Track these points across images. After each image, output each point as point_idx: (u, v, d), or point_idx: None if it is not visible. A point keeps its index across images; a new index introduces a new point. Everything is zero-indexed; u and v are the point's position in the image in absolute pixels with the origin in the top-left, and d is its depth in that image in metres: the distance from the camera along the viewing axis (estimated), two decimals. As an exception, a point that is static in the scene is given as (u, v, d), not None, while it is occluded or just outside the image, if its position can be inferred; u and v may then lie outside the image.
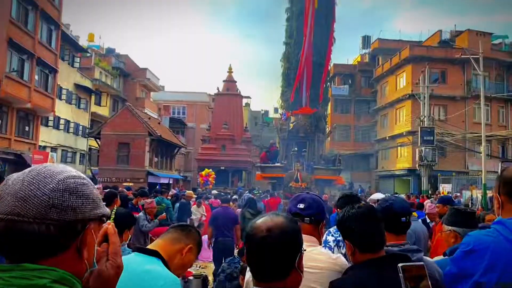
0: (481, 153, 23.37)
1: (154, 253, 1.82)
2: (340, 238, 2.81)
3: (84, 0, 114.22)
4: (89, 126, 30.61)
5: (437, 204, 6.69)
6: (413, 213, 7.42)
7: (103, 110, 32.66)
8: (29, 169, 0.92)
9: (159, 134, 26.32)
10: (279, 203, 13.22)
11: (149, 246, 1.94)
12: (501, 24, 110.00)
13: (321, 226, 2.13)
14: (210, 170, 26.83)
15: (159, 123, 30.73)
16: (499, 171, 1.83)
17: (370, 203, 2.97)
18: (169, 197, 14.01)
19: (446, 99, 31.50)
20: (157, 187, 17.69)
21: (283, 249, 1.26)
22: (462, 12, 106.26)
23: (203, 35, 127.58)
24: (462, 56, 26.16)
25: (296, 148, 24.51)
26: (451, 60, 31.29)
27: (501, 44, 36.90)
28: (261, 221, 1.31)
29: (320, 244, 2.13)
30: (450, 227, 2.71)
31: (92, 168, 29.02)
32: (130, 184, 20.06)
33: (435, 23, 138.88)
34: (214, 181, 26.46)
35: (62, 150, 27.47)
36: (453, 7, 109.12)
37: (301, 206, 2.07)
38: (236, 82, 34.94)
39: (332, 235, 3.32)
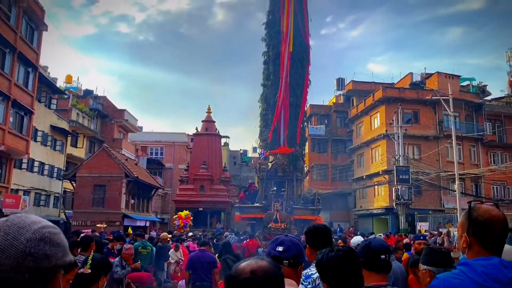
0: (455, 191, 23.88)
1: None
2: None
3: (63, 42, 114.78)
4: (65, 168, 30.00)
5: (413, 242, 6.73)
6: (398, 251, 7.46)
7: (79, 152, 32.17)
8: (3, 219, 0.97)
9: (136, 175, 25.99)
10: (258, 246, 13.04)
11: None
12: (468, 67, 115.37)
13: (300, 268, 2.16)
14: (188, 212, 26.44)
15: (136, 164, 30.41)
16: (468, 209, 1.88)
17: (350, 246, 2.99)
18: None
19: (420, 138, 32.40)
20: (130, 229, 17.25)
21: None
22: (431, 55, 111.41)
23: (182, 77, 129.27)
24: (433, 98, 27.22)
25: (275, 188, 24.50)
26: (422, 101, 32.49)
27: (469, 86, 38.67)
28: (246, 263, 1.32)
29: (298, 286, 2.15)
30: (425, 267, 2.76)
31: (66, 211, 28.20)
32: (104, 225, 19.56)
33: (406, 66, 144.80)
34: (191, 223, 26.03)
35: (36, 193, 26.69)
36: (422, 50, 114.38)
37: (280, 249, 2.11)
38: (214, 122, 35.19)
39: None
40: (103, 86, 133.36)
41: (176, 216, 26.56)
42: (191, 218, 26.27)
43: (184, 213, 26.22)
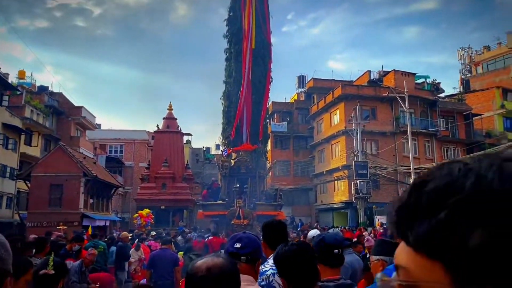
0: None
1: None
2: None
3: (15, 36, 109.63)
4: (18, 168, 28.77)
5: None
6: (358, 246, 7.69)
7: (34, 151, 30.92)
8: None
9: (94, 174, 25.32)
10: (222, 242, 13.08)
11: None
12: (423, 65, 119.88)
13: (258, 264, 2.23)
14: (150, 210, 26.09)
15: (94, 163, 29.60)
16: None
17: (307, 241, 3.06)
18: (105, 240, 13.45)
19: (377, 134, 33.42)
20: (83, 231, 16.82)
21: None
22: (388, 53, 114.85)
23: (143, 73, 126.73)
24: (390, 95, 28.14)
25: (237, 185, 24.60)
26: (380, 98, 33.50)
27: (424, 83, 40.24)
28: (202, 261, 1.37)
29: (256, 282, 2.22)
30: (377, 257, 2.88)
31: (20, 212, 27.08)
32: (64, 227, 18.97)
33: (364, 63, 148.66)
34: (153, 222, 25.72)
35: (-14, 194, 25.50)
36: (380, 49, 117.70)
37: (238, 245, 2.17)
38: (176, 119, 34.79)
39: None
40: (59, 82, 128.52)
41: (137, 215, 26.16)
42: (153, 216, 25.94)
43: (145, 211, 25.84)
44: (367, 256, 6.55)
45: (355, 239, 9.19)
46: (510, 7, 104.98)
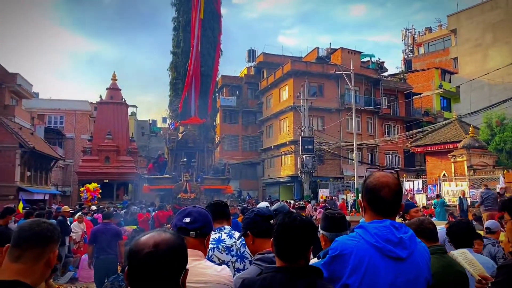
0: (353, 160, 25.77)
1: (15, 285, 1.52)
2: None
3: None
4: None
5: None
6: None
7: (-37, 119, 28.66)
8: None
9: (32, 145, 23.96)
10: (168, 216, 12.92)
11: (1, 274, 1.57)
12: (369, 43, 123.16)
13: (207, 238, 2.17)
14: (98, 185, 25.28)
15: (32, 134, 27.97)
16: (364, 177, 2.03)
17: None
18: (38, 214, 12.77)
19: (323, 111, 34.15)
20: (21, 204, 16.03)
21: (170, 265, 1.25)
22: (336, 31, 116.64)
23: (85, 40, 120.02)
24: (336, 72, 28.68)
25: (185, 159, 24.27)
26: (327, 75, 34.11)
27: (369, 62, 41.41)
28: (148, 236, 1.29)
29: (205, 257, 2.16)
30: (321, 231, 2.95)
31: None
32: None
33: (313, 40, 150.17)
34: (99, 196, 25.00)
35: None
36: (329, 26, 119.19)
37: (187, 220, 2.09)
38: (120, 90, 33.51)
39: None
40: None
41: (84, 188, 25.26)
42: (100, 191, 25.18)
43: (92, 185, 25.02)
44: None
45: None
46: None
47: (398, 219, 3.60)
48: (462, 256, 2.86)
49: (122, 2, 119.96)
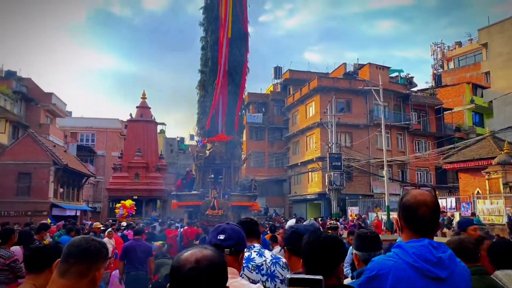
0: (383, 177, 25.29)
1: None
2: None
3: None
4: (-17, 155, 27.70)
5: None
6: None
7: (1, 138, 29.79)
8: None
9: (65, 163, 24.68)
10: (197, 232, 12.96)
11: None
12: (397, 58, 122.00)
13: (241, 256, 2.16)
14: (132, 201, 25.56)
15: (65, 151, 28.87)
16: (401, 194, 1.99)
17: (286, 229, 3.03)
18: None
19: (351, 127, 33.80)
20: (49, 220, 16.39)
21: (211, 281, 1.25)
22: (363, 47, 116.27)
23: (116, 60, 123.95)
24: (364, 88, 28.44)
25: (212, 175, 24.40)
26: (354, 91, 33.84)
27: (397, 77, 40.92)
28: (190, 253, 1.30)
29: (239, 274, 2.15)
30: (354, 251, 2.89)
31: (-14, 201, 26.13)
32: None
33: (340, 56, 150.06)
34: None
35: (-51, 182, 24.45)
36: (355, 42, 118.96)
37: (221, 237, 2.09)
38: (150, 108, 34.26)
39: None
40: (28, 68, 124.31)
41: (120, 205, 25.54)
42: (135, 208, 25.46)
43: (128, 202, 25.24)
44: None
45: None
46: (482, 4, 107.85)
47: (453, 236, 3.49)
48: (506, 277, 2.73)
49: (152, 23, 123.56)
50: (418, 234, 1.86)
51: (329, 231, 7.54)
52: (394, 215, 18.86)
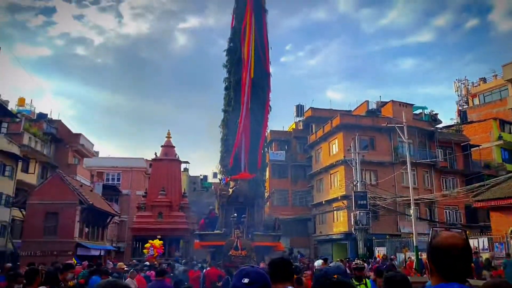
0: (411, 216, 24.56)
1: None
2: None
3: (16, 64, 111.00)
4: (14, 195, 28.43)
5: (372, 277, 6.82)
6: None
7: (30, 178, 30.66)
8: None
9: (90, 202, 25.03)
10: (219, 274, 12.73)
11: None
12: (420, 95, 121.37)
13: (265, 300, 2.10)
14: (161, 241, 25.40)
15: (91, 191, 29.36)
16: (429, 236, 1.92)
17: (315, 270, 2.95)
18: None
19: (376, 164, 33.32)
20: (74, 260, 16.41)
21: None
22: (385, 84, 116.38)
23: (141, 101, 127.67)
24: (388, 125, 28.22)
25: (235, 214, 24.23)
26: (378, 128, 33.62)
27: (421, 114, 40.53)
28: None
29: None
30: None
31: (14, 241, 26.57)
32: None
33: (362, 94, 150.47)
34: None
35: (-20, 221, 25.10)
36: (377, 79, 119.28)
37: (246, 281, 2.05)
38: (174, 147, 34.72)
39: None
40: (58, 110, 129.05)
41: (149, 244, 25.33)
42: (163, 248, 25.26)
43: (157, 242, 25.03)
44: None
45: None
46: (505, 41, 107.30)
47: (490, 279, 3.34)
48: None
49: (177, 65, 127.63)
50: (448, 278, 1.78)
51: (355, 272, 7.30)
52: (423, 256, 18.14)
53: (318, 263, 5.61)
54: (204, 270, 13.74)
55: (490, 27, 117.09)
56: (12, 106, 34.16)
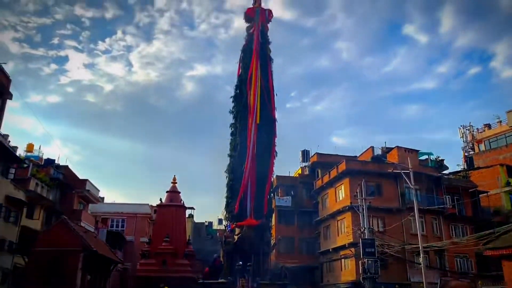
0: (420, 264, 23.94)
1: None
2: None
3: (27, 110, 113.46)
4: (17, 241, 28.11)
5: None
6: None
7: (35, 224, 30.41)
8: None
9: (95, 249, 24.66)
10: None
11: None
12: (426, 141, 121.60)
13: None
14: None
15: (95, 237, 29.01)
16: (438, 286, 1.89)
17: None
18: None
19: (383, 211, 32.87)
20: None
21: None
22: (390, 130, 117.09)
23: (148, 146, 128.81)
24: (394, 171, 28.12)
25: (240, 262, 23.78)
26: (384, 174, 33.49)
27: (427, 160, 40.45)
28: None
29: None
30: None
31: (14, 289, 25.96)
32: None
33: (367, 139, 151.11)
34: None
35: (-18, 268, 24.65)
36: (382, 125, 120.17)
37: None
38: (179, 192, 34.58)
39: None
40: (66, 155, 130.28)
41: None
42: None
43: None
44: None
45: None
46: (507, 87, 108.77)
47: None
48: None
49: (184, 111, 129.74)
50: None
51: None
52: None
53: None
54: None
55: (492, 74, 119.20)
56: (20, 152, 34.59)
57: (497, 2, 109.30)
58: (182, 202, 34.33)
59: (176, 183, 34.82)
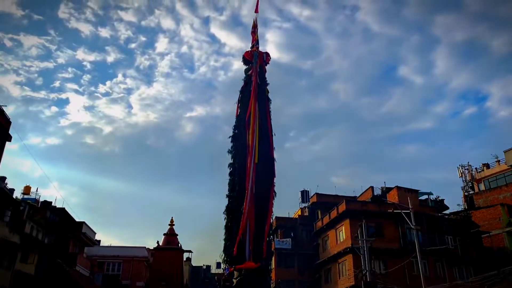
0: (425, 307, 23.22)
1: None
2: None
3: (26, 152, 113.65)
4: (10, 287, 27.28)
5: None
6: None
7: (29, 268, 29.65)
8: None
9: (89, 294, 23.93)
10: None
11: None
12: (425, 181, 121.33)
13: None
14: None
15: (90, 282, 28.20)
16: None
17: None
18: None
19: (385, 252, 32.27)
20: None
21: None
22: (389, 170, 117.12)
23: (145, 187, 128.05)
24: (395, 211, 27.84)
25: (239, 309, 22.95)
26: (384, 214, 33.12)
27: (427, 200, 40.19)
28: None
29: None
30: None
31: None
32: None
33: (366, 179, 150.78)
34: None
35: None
36: (381, 165, 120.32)
37: None
38: (177, 235, 33.99)
39: None
40: (63, 197, 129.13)
41: None
42: None
43: None
44: None
45: None
46: (503, 127, 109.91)
47: None
48: None
49: (183, 151, 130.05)
50: None
51: None
52: None
53: None
54: None
55: (488, 114, 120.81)
56: (17, 194, 34.26)
57: (489, 44, 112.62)
58: (179, 245, 33.67)
59: (173, 224, 34.32)
